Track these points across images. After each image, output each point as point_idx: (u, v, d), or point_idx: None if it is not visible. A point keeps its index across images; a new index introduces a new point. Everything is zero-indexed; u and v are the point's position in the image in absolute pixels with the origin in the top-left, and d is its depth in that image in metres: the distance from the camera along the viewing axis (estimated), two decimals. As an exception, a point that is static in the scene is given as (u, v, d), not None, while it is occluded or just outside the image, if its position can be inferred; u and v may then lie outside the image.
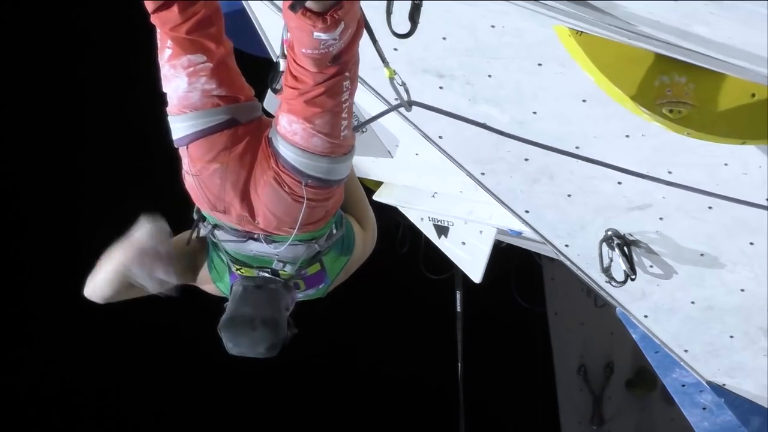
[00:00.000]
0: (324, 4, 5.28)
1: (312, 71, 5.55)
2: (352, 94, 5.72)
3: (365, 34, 5.76)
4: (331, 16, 5.31)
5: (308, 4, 5.25)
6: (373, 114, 7.19)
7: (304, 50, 5.48)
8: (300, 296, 6.22)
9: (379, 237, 6.58)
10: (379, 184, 9.29)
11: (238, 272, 6.12)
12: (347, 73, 5.62)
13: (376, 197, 9.34)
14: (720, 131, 6.86)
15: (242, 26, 7.52)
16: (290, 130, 5.71)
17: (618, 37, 6.53)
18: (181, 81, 5.87)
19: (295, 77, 5.61)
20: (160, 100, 5.97)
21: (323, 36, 5.38)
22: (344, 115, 5.70)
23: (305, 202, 5.82)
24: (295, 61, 5.56)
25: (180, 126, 5.92)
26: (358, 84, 6.14)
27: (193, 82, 5.86)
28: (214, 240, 6.15)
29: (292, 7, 5.27)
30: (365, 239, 6.44)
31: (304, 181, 5.77)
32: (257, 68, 6.59)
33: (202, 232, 6.13)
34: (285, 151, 5.75)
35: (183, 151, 5.95)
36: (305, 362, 15.30)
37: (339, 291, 6.49)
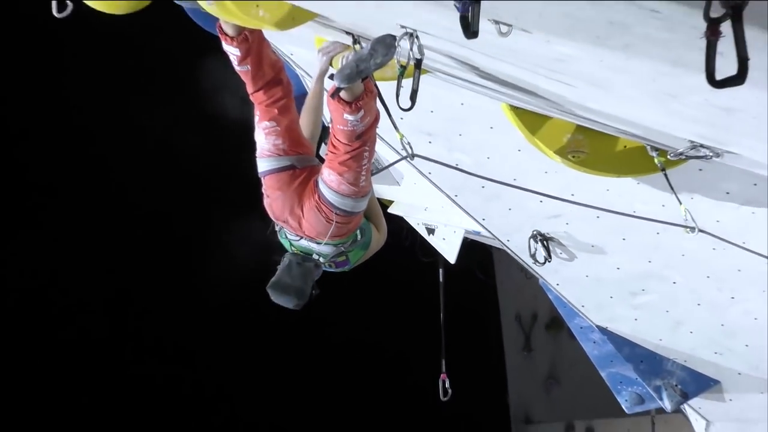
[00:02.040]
0: (351, 96, 5.45)
1: (344, 143, 5.65)
2: (369, 160, 5.82)
3: (383, 109, 5.84)
4: (355, 104, 5.45)
5: (341, 94, 5.37)
6: (389, 160, 7.22)
7: (338, 126, 5.59)
8: (331, 270, 6.25)
9: (390, 235, 6.58)
10: (391, 202, 9.29)
11: (292, 249, 6.17)
12: (366, 147, 5.71)
13: (390, 210, 9.34)
14: (604, 169, 6.87)
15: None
16: (328, 178, 5.80)
17: (539, 110, 6.56)
18: (261, 136, 5.99)
19: (333, 146, 5.72)
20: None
21: (350, 117, 5.50)
22: (363, 173, 5.78)
23: (334, 223, 5.90)
24: (334, 135, 5.69)
25: (261, 164, 6.03)
26: (380, 140, 6.20)
27: (269, 138, 5.97)
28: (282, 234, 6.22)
29: (332, 95, 5.42)
30: (378, 239, 6.43)
31: (334, 210, 5.85)
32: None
33: (276, 228, 6.20)
34: (324, 190, 5.83)
35: (263, 180, 6.05)
36: (327, 317, 14.05)
37: (362, 270, 6.51)
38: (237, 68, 5.93)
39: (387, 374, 15.42)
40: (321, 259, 6.12)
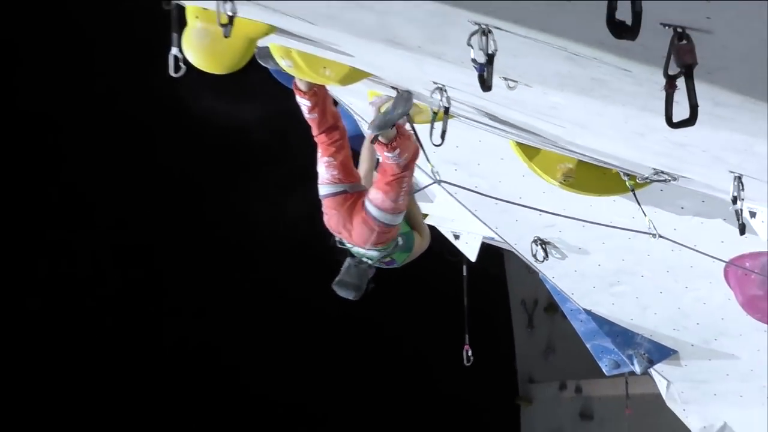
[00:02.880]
0: (387, 139, 5.50)
1: (390, 170, 5.62)
2: (408, 185, 5.79)
3: (418, 143, 5.83)
4: (391, 145, 5.46)
5: (379, 138, 5.40)
6: (424, 184, 7.21)
7: (384, 159, 5.61)
8: (383, 267, 6.19)
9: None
10: (426, 215, 9.22)
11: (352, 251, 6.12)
12: (406, 175, 5.69)
13: (425, 221, 9.27)
14: (588, 190, 6.81)
15: (359, 142, 7.48)
16: (374, 196, 5.75)
17: (538, 145, 6.53)
18: (322, 168, 5.94)
19: (384, 169, 5.71)
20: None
21: (389, 155, 5.54)
22: (402, 194, 5.74)
23: (375, 233, 5.83)
24: (383, 164, 5.68)
25: (321, 189, 5.97)
26: (417, 169, 6.17)
27: (328, 170, 5.92)
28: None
29: (372, 140, 5.48)
30: (421, 243, 6.35)
31: (377, 222, 5.80)
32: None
33: (337, 238, 6.17)
34: (369, 206, 5.78)
35: (323, 202, 5.99)
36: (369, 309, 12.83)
37: (402, 267, 6.38)
38: (307, 116, 5.94)
39: (418, 346, 15.25)
40: (370, 261, 6.07)
